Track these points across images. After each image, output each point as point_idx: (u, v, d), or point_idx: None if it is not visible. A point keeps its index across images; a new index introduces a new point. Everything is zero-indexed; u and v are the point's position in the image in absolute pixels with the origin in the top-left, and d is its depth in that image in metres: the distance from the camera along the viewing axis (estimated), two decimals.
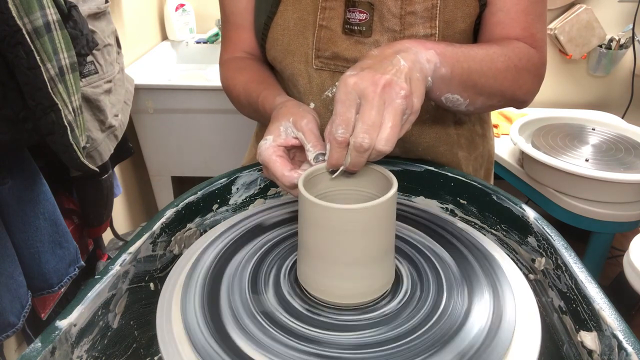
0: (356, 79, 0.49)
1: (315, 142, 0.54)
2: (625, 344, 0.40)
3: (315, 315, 0.47)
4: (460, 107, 0.62)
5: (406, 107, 0.49)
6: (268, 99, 0.66)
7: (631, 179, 1.35)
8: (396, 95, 0.48)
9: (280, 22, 0.71)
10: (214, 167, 1.74)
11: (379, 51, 0.53)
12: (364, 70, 0.50)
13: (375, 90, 0.48)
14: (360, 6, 0.67)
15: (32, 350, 0.39)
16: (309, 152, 0.54)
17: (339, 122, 0.49)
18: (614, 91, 2.13)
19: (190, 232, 0.62)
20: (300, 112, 0.57)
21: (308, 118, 0.56)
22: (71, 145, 0.80)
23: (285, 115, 0.58)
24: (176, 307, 0.47)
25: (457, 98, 0.60)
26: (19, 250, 0.88)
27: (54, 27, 0.76)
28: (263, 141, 0.56)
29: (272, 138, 0.56)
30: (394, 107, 0.48)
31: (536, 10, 0.68)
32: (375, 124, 0.47)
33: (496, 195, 0.63)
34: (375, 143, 0.47)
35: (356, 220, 0.45)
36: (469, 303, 0.47)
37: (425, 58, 0.53)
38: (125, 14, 1.61)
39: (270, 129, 0.57)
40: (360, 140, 0.47)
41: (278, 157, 0.55)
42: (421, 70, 0.52)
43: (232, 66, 0.78)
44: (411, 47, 0.53)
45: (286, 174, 0.53)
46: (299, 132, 0.55)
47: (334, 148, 0.50)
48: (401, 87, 0.48)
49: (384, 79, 0.48)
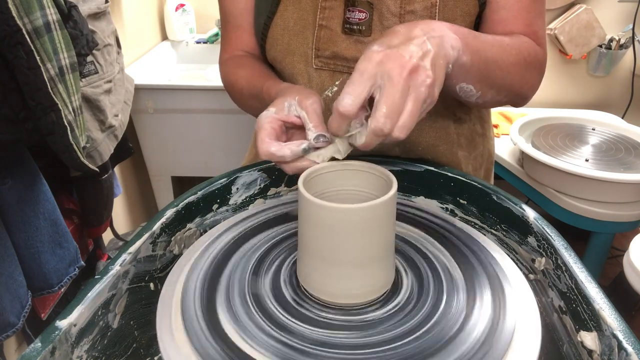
0: (383, 56, 0.47)
1: (317, 122, 0.53)
2: (625, 344, 0.40)
3: (318, 317, 0.47)
4: (471, 98, 0.61)
5: (428, 96, 0.47)
6: (273, 87, 0.65)
7: (631, 179, 1.35)
8: (422, 83, 0.46)
9: (280, 22, 0.71)
10: (214, 167, 1.74)
11: (406, 29, 0.50)
12: (392, 49, 0.48)
13: (402, 74, 0.46)
14: (360, 5, 0.67)
15: (32, 350, 0.39)
16: (309, 131, 0.53)
17: (350, 91, 0.47)
18: (614, 91, 2.13)
19: (190, 232, 0.62)
20: (306, 92, 0.56)
21: (314, 99, 0.55)
22: (71, 145, 0.80)
23: (292, 93, 0.56)
24: (176, 307, 0.47)
25: (470, 89, 0.59)
26: (19, 250, 0.88)
27: (54, 27, 0.76)
28: (265, 111, 0.55)
29: (275, 110, 0.55)
30: (417, 94, 0.46)
31: (537, 8, 0.68)
32: (398, 110, 0.46)
33: (496, 195, 0.63)
34: (394, 129, 0.46)
35: (356, 220, 0.45)
36: (469, 303, 0.47)
37: (450, 44, 0.51)
38: (125, 14, 1.61)
39: (276, 102, 0.56)
40: (381, 125, 0.46)
41: (269, 126, 0.53)
42: (445, 57, 0.50)
43: (233, 63, 0.78)
44: (437, 28, 0.51)
45: (266, 140, 0.52)
46: (303, 110, 0.54)
47: (334, 117, 0.48)
48: (427, 74, 0.46)
49: (411, 63, 0.46)
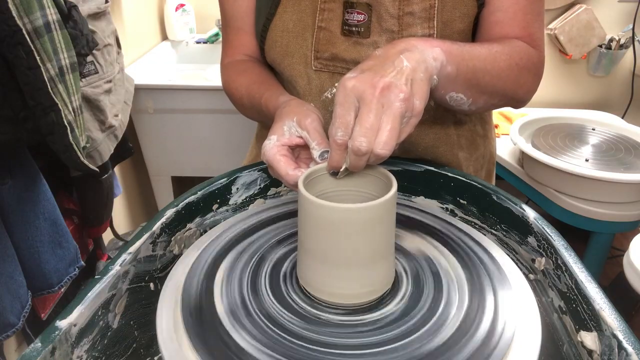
0: (355, 81, 0.48)
1: (320, 140, 0.54)
2: (625, 344, 0.40)
3: (318, 317, 0.47)
4: (463, 106, 0.62)
5: (406, 110, 0.48)
6: (271, 100, 0.65)
7: (631, 179, 1.35)
8: (395, 98, 0.47)
9: (279, 24, 0.71)
10: (214, 167, 1.74)
11: (382, 51, 0.52)
12: (364, 72, 0.49)
13: (374, 93, 0.47)
14: (359, 7, 0.67)
15: (32, 350, 0.39)
16: (314, 150, 0.54)
17: (338, 125, 0.49)
18: (614, 91, 2.13)
19: (190, 232, 0.62)
20: (304, 111, 0.57)
21: (312, 117, 0.56)
22: (71, 145, 0.80)
23: (289, 114, 0.57)
24: (176, 307, 0.47)
25: (460, 97, 0.60)
26: (19, 250, 0.88)
27: (54, 27, 0.76)
28: (267, 141, 0.56)
29: (277, 137, 0.56)
30: (392, 110, 0.47)
31: (534, 10, 0.68)
32: (373, 127, 0.47)
33: (496, 195, 0.63)
34: (374, 147, 0.47)
35: (356, 220, 0.45)
36: (469, 303, 0.47)
37: (432, 56, 0.52)
38: (125, 14, 1.61)
39: (274, 128, 0.57)
40: (358, 144, 0.47)
41: (282, 157, 0.55)
42: (426, 70, 0.51)
43: (233, 69, 0.78)
44: (416, 45, 0.52)
45: (290, 172, 0.53)
46: (304, 130, 0.55)
47: (334, 150, 0.50)
48: (400, 89, 0.47)
49: (382, 81, 0.47)
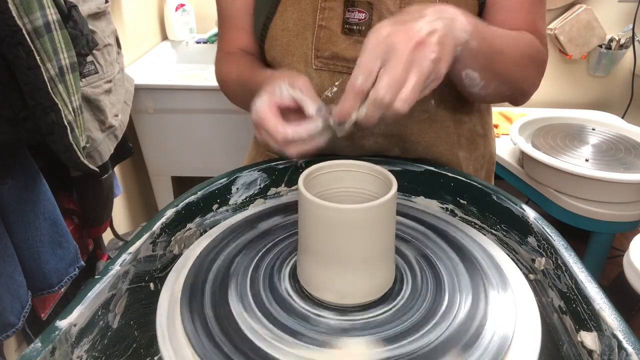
0: (390, 30, 0.47)
1: (313, 97, 0.53)
2: (625, 344, 0.40)
3: (318, 317, 0.47)
4: (474, 88, 0.61)
5: (432, 71, 0.47)
6: (261, 74, 0.65)
7: (631, 179, 1.35)
8: (426, 57, 0.46)
9: (280, 23, 0.71)
10: (214, 167, 1.74)
11: (418, 8, 0.51)
12: (400, 24, 0.48)
13: (407, 46, 0.46)
14: (360, 6, 0.67)
15: (32, 350, 0.39)
16: (308, 107, 0.53)
17: (361, 70, 0.47)
18: (614, 91, 2.13)
19: (190, 232, 0.62)
20: (295, 75, 0.57)
21: (304, 78, 0.55)
22: (71, 145, 0.80)
23: (281, 77, 0.57)
24: (176, 307, 0.47)
25: (475, 76, 0.59)
26: (19, 250, 0.88)
27: (54, 27, 0.76)
28: (257, 99, 0.55)
29: (268, 97, 0.55)
30: (421, 68, 0.46)
31: (539, 9, 0.68)
32: (399, 81, 0.46)
33: (496, 195, 0.63)
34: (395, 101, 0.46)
35: (356, 220, 0.45)
36: (468, 303, 0.47)
37: (461, 27, 0.51)
38: (125, 14, 1.61)
39: (266, 89, 0.56)
40: (381, 96, 0.46)
41: (273, 112, 0.54)
42: (454, 38, 0.50)
43: (225, 60, 0.79)
44: (450, 11, 0.51)
45: (280, 129, 0.52)
46: (296, 90, 0.54)
47: (348, 97, 0.48)
48: (433, 49, 0.46)
49: (418, 36, 0.46)
